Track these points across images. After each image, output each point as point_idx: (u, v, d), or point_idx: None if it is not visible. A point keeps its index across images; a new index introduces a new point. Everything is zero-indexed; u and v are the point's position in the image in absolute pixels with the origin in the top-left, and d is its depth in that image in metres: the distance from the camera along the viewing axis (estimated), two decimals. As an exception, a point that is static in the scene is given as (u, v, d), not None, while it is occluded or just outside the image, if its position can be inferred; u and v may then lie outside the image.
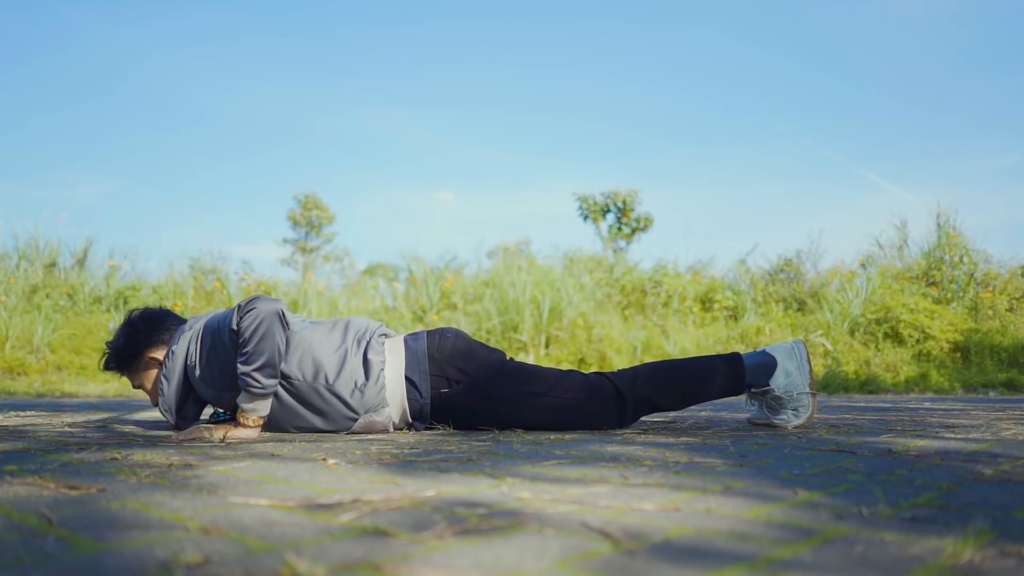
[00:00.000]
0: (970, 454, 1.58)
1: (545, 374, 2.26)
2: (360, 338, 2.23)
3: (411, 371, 2.20)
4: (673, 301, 8.47)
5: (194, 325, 2.22)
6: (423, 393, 2.20)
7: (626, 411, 2.25)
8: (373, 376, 2.16)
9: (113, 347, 2.33)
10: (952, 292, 8.30)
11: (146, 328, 2.32)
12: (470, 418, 2.26)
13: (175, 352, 2.20)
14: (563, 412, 2.23)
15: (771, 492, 1.11)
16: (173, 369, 2.19)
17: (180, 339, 2.21)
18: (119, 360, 2.33)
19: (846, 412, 3.21)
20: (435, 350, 2.23)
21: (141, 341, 2.30)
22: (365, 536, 0.81)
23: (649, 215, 12.33)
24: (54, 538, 0.79)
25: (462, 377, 2.20)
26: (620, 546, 0.77)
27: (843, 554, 0.75)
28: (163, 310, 2.39)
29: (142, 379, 2.34)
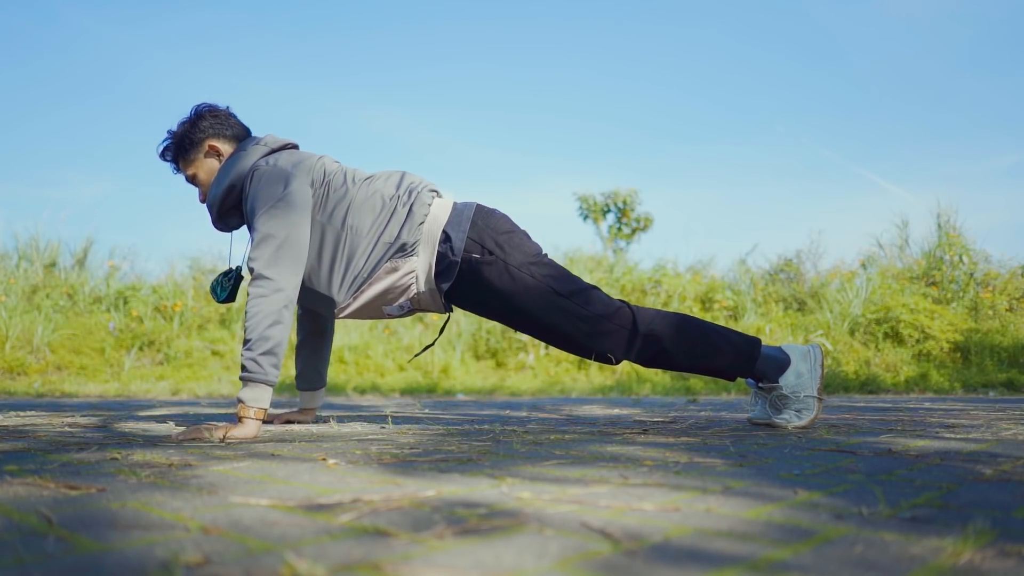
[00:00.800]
0: (970, 454, 1.58)
1: (573, 279, 2.24)
2: (411, 189, 2.24)
3: (451, 227, 2.20)
4: (673, 301, 8.47)
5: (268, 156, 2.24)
6: (455, 250, 2.19)
7: (635, 343, 2.21)
8: (414, 221, 2.18)
9: (175, 132, 2.33)
10: (952, 292, 8.29)
11: (212, 119, 2.33)
12: (490, 298, 2.23)
13: (240, 157, 2.23)
14: (576, 321, 2.20)
15: (771, 492, 1.11)
16: (230, 171, 2.22)
17: (252, 150, 2.25)
18: (178, 144, 2.32)
19: (846, 412, 3.21)
20: (480, 219, 2.23)
21: (207, 128, 2.31)
22: (365, 536, 0.81)
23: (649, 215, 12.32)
24: (54, 538, 0.79)
25: (496, 250, 2.19)
26: (620, 546, 0.77)
27: (843, 554, 0.74)
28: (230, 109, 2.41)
29: (198, 168, 2.33)
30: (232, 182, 2.23)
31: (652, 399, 5.29)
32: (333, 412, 3.27)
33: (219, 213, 2.30)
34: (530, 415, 3.13)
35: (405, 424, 2.52)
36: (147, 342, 7.46)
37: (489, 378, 7.20)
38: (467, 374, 7.29)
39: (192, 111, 2.35)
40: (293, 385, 6.17)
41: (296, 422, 2.58)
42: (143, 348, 7.41)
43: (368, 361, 7.40)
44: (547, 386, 6.81)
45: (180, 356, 7.26)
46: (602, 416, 3.02)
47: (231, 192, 2.25)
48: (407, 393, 6.32)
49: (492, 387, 6.74)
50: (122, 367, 7.00)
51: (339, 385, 6.58)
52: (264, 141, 2.30)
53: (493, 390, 6.61)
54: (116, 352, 7.26)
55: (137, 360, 7.23)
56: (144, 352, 7.38)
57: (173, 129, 2.34)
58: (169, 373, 6.89)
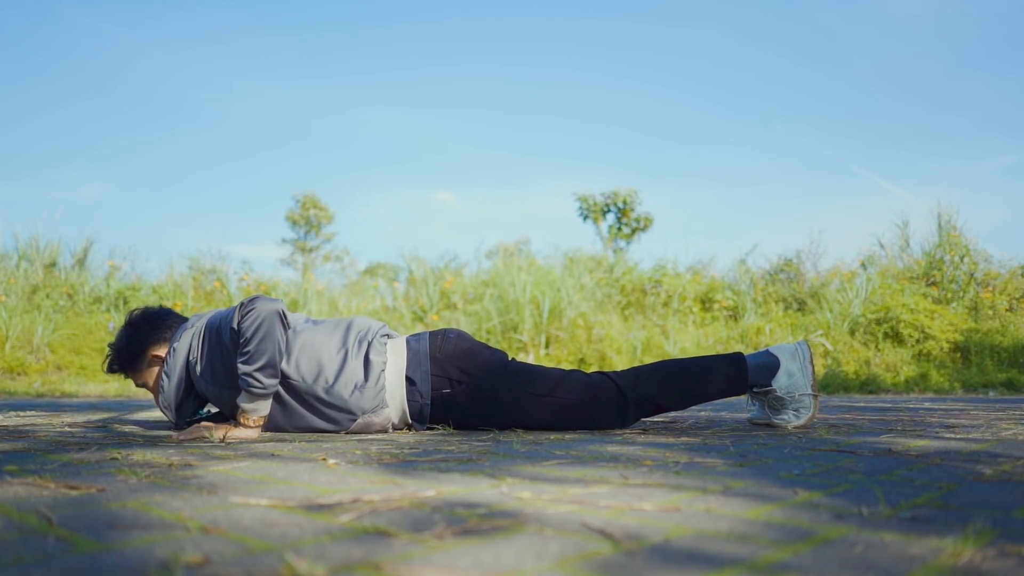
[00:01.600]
0: (970, 454, 1.58)
1: (547, 374, 2.25)
2: (362, 339, 2.22)
3: (412, 371, 2.20)
4: (673, 301, 8.47)
5: (196, 323, 2.23)
6: (423, 393, 2.20)
7: (628, 411, 2.25)
8: (373, 377, 2.16)
9: (116, 347, 2.34)
10: (952, 292, 8.30)
11: (148, 326, 2.32)
12: (471, 418, 2.25)
13: (176, 349, 2.20)
14: (565, 412, 2.23)
15: (771, 492, 1.10)
16: (174, 366, 2.19)
17: (182, 336, 2.21)
18: (122, 360, 2.34)
19: (846, 412, 3.21)
20: (437, 350, 2.23)
21: (144, 339, 2.31)
22: (365, 536, 0.81)
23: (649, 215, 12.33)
24: (54, 538, 0.79)
25: (464, 377, 2.20)
26: (620, 546, 0.77)
27: (843, 554, 0.74)
28: (163, 309, 2.40)
29: (145, 377, 2.35)
30: (179, 375, 2.20)
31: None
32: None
33: (177, 409, 2.25)
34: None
35: (405, 424, 2.51)
36: (147, 342, 7.46)
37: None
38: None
39: (126, 323, 2.36)
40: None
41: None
42: (143, 348, 7.41)
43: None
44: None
45: (180, 356, 7.27)
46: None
47: (181, 383, 2.21)
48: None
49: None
50: (122, 367, 7.00)
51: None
52: (190, 321, 2.28)
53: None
54: (116, 352, 7.26)
55: (137, 360, 7.24)
56: (144, 352, 7.38)
57: (113, 344, 2.35)
58: (169, 373, 6.89)
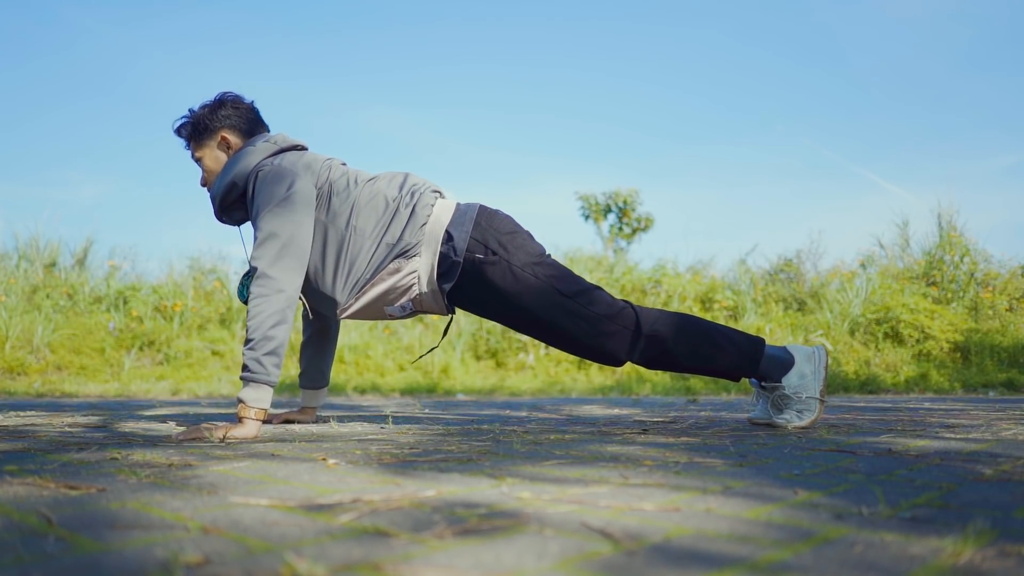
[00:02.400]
0: (970, 454, 1.58)
1: (576, 279, 2.24)
2: (414, 190, 2.24)
3: (454, 227, 2.20)
4: (673, 301, 8.47)
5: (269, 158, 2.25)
6: (458, 250, 2.18)
7: (638, 344, 2.21)
8: (415, 224, 2.18)
9: (195, 112, 2.34)
10: (952, 292, 8.29)
11: (235, 110, 2.34)
12: (492, 298, 2.23)
13: (247, 153, 2.24)
14: (580, 321, 2.20)
15: (771, 492, 1.11)
16: (232, 167, 2.23)
17: (260, 146, 2.26)
18: (195, 125, 2.34)
19: (846, 412, 3.21)
20: (483, 219, 2.23)
21: (226, 117, 2.32)
22: (365, 536, 0.81)
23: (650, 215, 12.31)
24: (54, 538, 0.79)
25: (500, 250, 2.19)
26: (620, 546, 0.77)
27: (843, 554, 0.74)
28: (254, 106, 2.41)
29: (204, 153, 2.35)
30: (234, 179, 2.24)
31: (652, 399, 5.29)
32: (333, 412, 3.27)
33: (221, 206, 2.31)
34: (530, 415, 3.13)
35: (405, 424, 2.52)
36: (147, 342, 7.46)
37: (489, 378, 7.20)
38: (467, 374, 7.29)
39: (216, 97, 2.37)
40: (293, 385, 6.18)
41: (296, 421, 2.58)
42: (143, 348, 7.40)
43: (368, 361, 7.40)
44: (547, 386, 6.81)
45: (180, 356, 7.26)
46: (602, 416, 3.02)
47: (233, 188, 2.26)
48: (407, 393, 6.32)
49: (492, 387, 6.74)
50: (122, 367, 7.00)
51: (339, 385, 6.58)
52: (273, 140, 2.31)
53: (493, 390, 6.61)
54: (116, 352, 7.26)
55: (137, 360, 7.23)
56: (144, 352, 7.38)
57: (194, 108, 2.36)
58: (169, 373, 6.88)
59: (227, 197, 2.28)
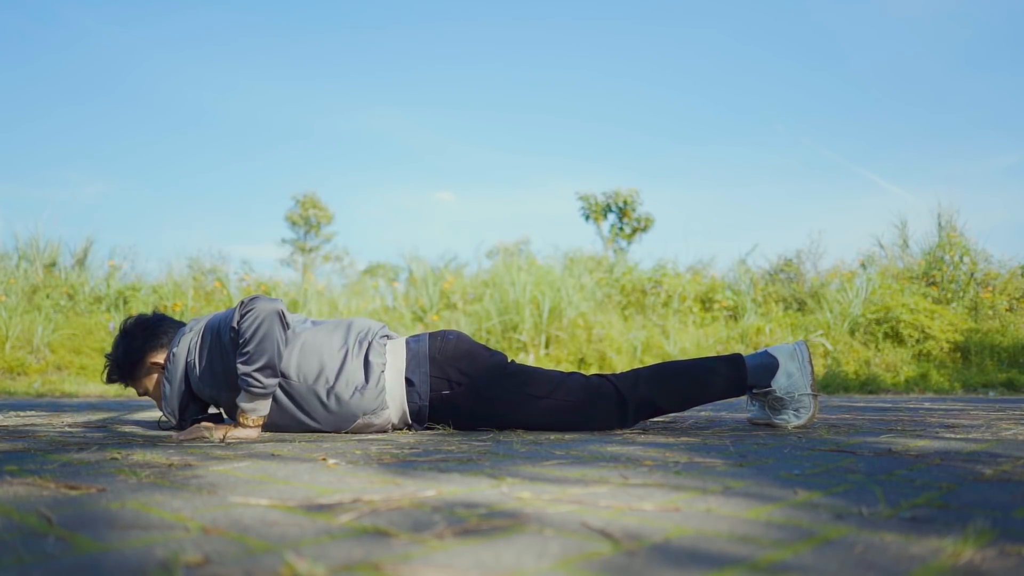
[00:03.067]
0: (970, 454, 1.58)
1: (546, 376, 2.25)
2: (362, 339, 2.22)
3: (411, 372, 2.20)
4: (673, 301, 8.47)
5: (194, 326, 2.22)
6: (422, 395, 2.20)
7: (627, 413, 2.25)
8: (373, 378, 2.16)
9: (113, 358, 2.32)
10: (952, 292, 8.29)
11: (144, 334, 2.31)
12: (470, 419, 2.26)
13: (176, 354, 2.19)
14: (564, 414, 2.23)
15: (771, 492, 1.10)
16: (175, 371, 2.19)
17: (180, 340, 2.20)
18: (121, 369, 2.32)
19: (846, 412, 3.21)
20: (436, 351, 2.23)
21: (140, 347, 2.29)
22: (365, 536, 0.81)
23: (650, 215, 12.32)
24: (54, 538, 0.79)
25: (463, 379, 2.20)
26: (620, 546, 0.77)
27: (843, 554, 0.74)
28: (158, 315, 2.38)
29: (146, 385, 2.33)
30: (179, 379, 2.19)
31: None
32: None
33: (180, 413, 2.24)
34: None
35: (405, 424, 2.51)
36: (147, 342, 7.46)
37: (489, 378, 7.20)
38: (467, 374, 7.29)
39: (120, 332, 2.34)
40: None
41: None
42: (143, 348, 7.40)
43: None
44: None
45: (180, 356, 7.26)
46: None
47: (182, 387, 2.20)
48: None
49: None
50: (122, 367, 7.00)
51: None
52: (190, 325, 2.26)
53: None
54: (116, 352, 7.26)
55: (137, 360, 7.23)
56: (144, 352, 7.37)
57: (110, 354, 2.33)
58: (169, 373, 6.88)
59: (183, 400, 2.22)
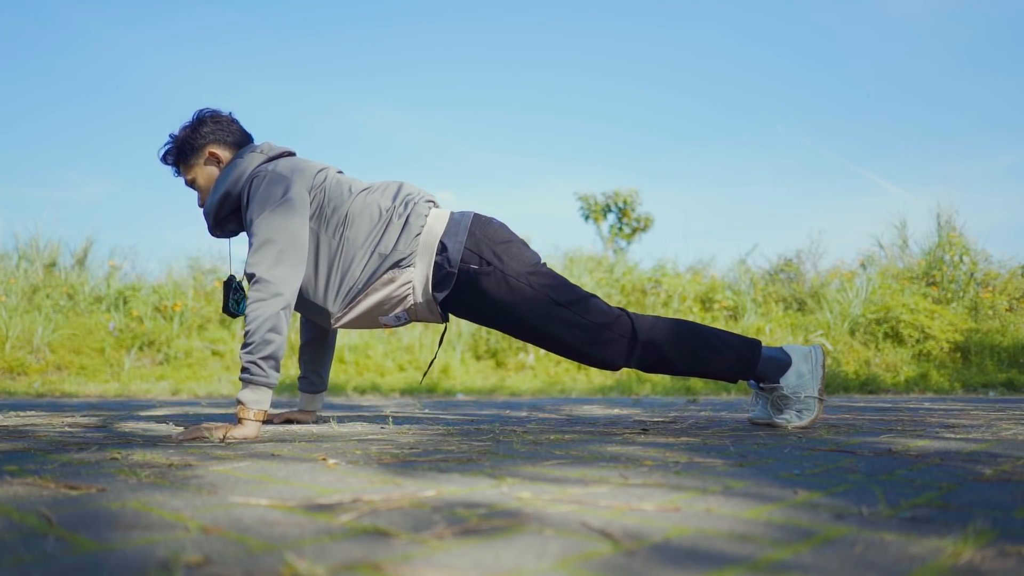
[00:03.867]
0: (970, 454, 1.58)
1: (572, 288, 2.24)
2: (408, 200, 2.24)
3: (448, 237, 2.20)
4: (673, 301, 8.47)
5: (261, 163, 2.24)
6: (452, 262, 2.18)
7: (635, 351, 2.21)
8: (409, 235, 2.17)
9: (177, 136, 2.33)
10: (952, 292, 8.29)
11: (215, 124, 2.33)
12: (487, 308, 2.23)
13: (237, 165, 2.23)
14: (576, 330, 2.20)
15: (771, 492, 1.10)
16: (226, 180, 2.22)
17: (249, 156, 2.24)
18: (180, 148, 2.33)
19: (846, 412, 3.21)
20: (477, 228, 2.23)
21: (208, 133, 2.31)
22: (365, 536, 0.81)
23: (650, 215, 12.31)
24: (54, 538, 0.79)
25: (494, 260, 2.19)
26: (620, 546, 0.77)
27: (843, 554, 0.74)
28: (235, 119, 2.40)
29: (196, 173, 2.34)
30: (228, 189, 2.23)
31: (652, 399, 5.29)
32: (333, 412, 3.27)
33: (215, 220, 2.29)
34: (530, 415, 3.13)
35: (405, 424, 2.52)
36: (147, 342, 7.45)
37: (489, 378, 7.20)
38: (467, 374, 7.29)
39: (194, 116, 2.35)
40: (292, 386, 6.18)
41: (296, 421, 2.58)
42: (143, 348, 7.39)
43: (368, 361, 7.40)
44: (547, 386, 6.81)
45: (180, 356, 7.25)
46: (602, 416, 3.02)
47: (227, 199, 2.25)
48: (407, 393, 6.31)
49: (492, 387, 6.74)
50: (122, 367, 6.99)
51: (339, 385, 6.58)
52: (261, 148, 2.29)
53: (493, 390, 6.60)
54: (116, 352, 7.25)
55: (137, 360, 7.22)
56: (144, 352, 7.37)
57: (175, 133, 2.35)
58: (169, 373, 6.88)
59: (221, 210, 2.27)
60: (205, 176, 2.33)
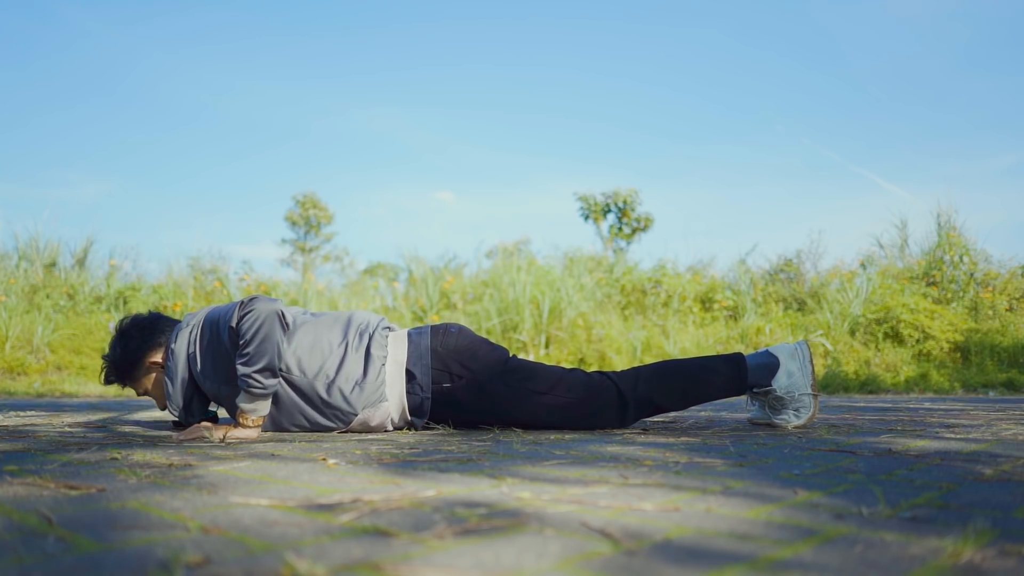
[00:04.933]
0: (970, 454, 1.58)
1: (547, 372, 2.25)
2: (363, 332, 2.22)
3: (413, 364, 2.19)
4: (673, 301, 8.47)
5: (191, 320, 2.21)
6: (424, 387, 2.19)
7: (627, 412, 2.25)
8: (374, 371, 2.15)
9: (111, 359, 2.30)
10: (952, 292, 8.29)
11: (139, 334, 2.28)
12: (471, 414, 2.25)
13: (175, 351, 2.17)
14: (564, 411, 2.23)
15: (771, 492, 1.10)
16: (176, 367, 2.17)
17: (179, 337, 2.19)
18: (119, 371, 2.30)
19: (846, 412, 3.21)
20: (439, 344, 2.22)
21: (138, 347, 2.27)
22: (365, 536, 0.81)
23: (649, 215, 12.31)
24: (54, 538, 0.79)
25: (464, 372, 2.20)
26: (620, 546, 0.77)
27: (843, 554, 0.74)
28: (153, 314, 2.36)
29: (145, 385, 2.32)
30: (181, 377, 2.17)
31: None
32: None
33: (186, 409, 2.22)
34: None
35: (405, 424, 2.51)
36: (147, 342, 7.43)
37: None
38: (467, 374, 7.28)
39: (116, 333, 2.31)
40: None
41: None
42: (143, 348, 7.38)
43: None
44: (547, 386, 6.80)
45: (180, 356, 7.24)
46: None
47: (185, 386, 2.19)
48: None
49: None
50: (122, 367, 6.98)
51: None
52: (186, 320, 2.24)
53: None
54: (116, 352, 7.24)
55: (137, 360, 7.21)
56: (144, 352, 7.35)
57: (107, 355, 2.31)
58: (169, 373, 6.86)
59: (184, 398, 2.20)
60: (154, 382, 2.29)
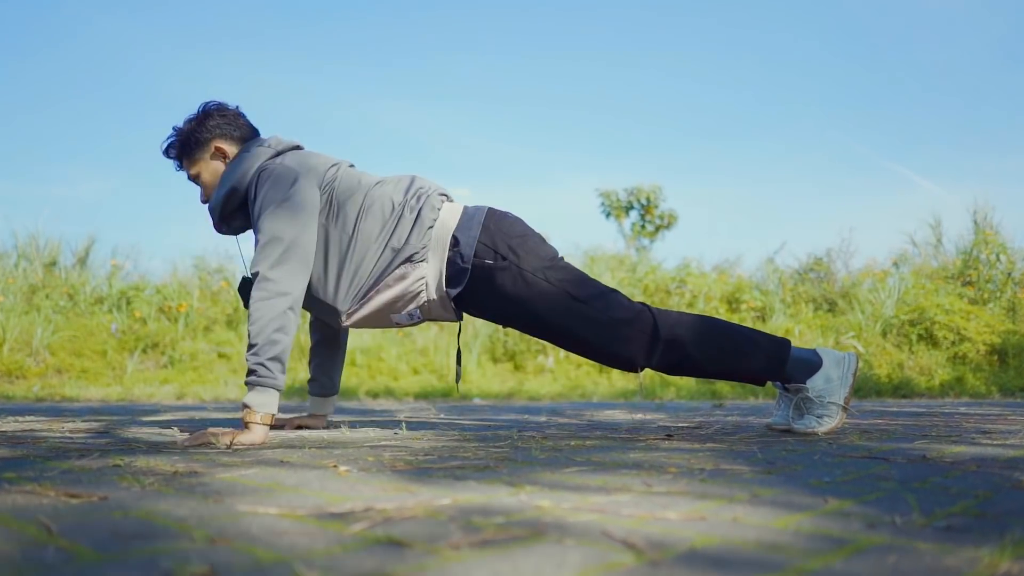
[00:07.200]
0: (1008, 461, 1.55)
1: (592, 284, 2.20)
2: (420, 194, 2.21)
3: (461, 232, 2.17)
4: (698, 301, 8.41)
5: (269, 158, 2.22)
6: (465, 257, 2.15)
7: (656, 348, 2.15)
8: (420, 230, 2.15)
9: (181, 130, 2.31)
10: (989, 292, 8.16)
11: (221, 117, 2.31)
12: (503, 305, 2.19)
13: (244, 159, 2.21)
14: (595, 327, 2.15)
15: (800, 500, 1.09)
16: (233, 174, 2.20)
17: (256, 152, 2.22)
18: (184, 143, 2.30)
19: (878, 417, 3.17)
20: (492, 222, 2.20)
21: (214, 127, 2.29)
22: (378, 546, 0.80)
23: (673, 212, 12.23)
24: (54, 548, 0.78)
25: (510, 255, 2.15)
26: (643, 556, 0.76)
27: (875, 564, 0.73)
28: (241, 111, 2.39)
29: (201, 168, 2.32)
30: (234, 185, 2.21)
31: (677, 403, 5.27)
32: (345, 417, 3.26)
33: (221, 216, 2.28)
34: (549, 420, 3.12)
35: (419, 429, 2.51)
36: (151, 344, 7.37)
37: (507, 382, 7.16)
38: (484, 377, 7.25)
39: (200, 108, 2.33)
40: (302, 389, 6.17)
41: (306, 427, 2.56)
42: (147, 350, 7.32)
43: (381, 364, 7.36)
44: (567, 390, 6.79)
45: (185, 359, 7.17)
46: (625, 421, 3.00)
47: (233, 195, 2.23)
48: (421, 397, 6.30)
49: (510, 391, 6.71)
50: (125, 370, 6.93)
51: (351, 389, 6.54)
52: (269, 143, 2.27)
53: (511, 394, 6.59)
54: (118, 355, 7.17)
55: (140, 363, 7.14)
56: (148, 355, 7.31)
57: (179, 126, 2.33)
58: (174, 376, 6.81)
59: (227, 206, 2.25)
60: (210, 171, 2.31)
